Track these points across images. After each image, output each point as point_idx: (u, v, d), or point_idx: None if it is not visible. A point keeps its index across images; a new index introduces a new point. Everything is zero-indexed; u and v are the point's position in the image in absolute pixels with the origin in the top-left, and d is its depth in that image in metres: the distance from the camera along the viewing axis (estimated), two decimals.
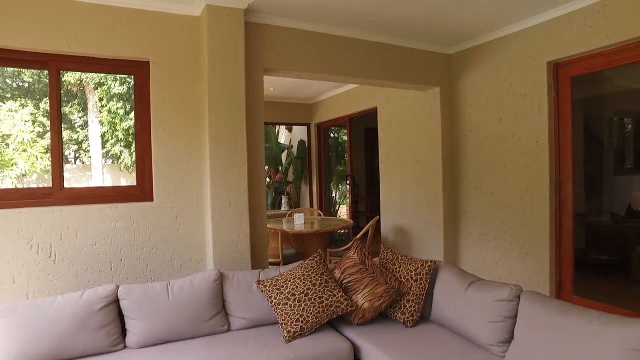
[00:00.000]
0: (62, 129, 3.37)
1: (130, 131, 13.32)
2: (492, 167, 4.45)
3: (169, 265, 3.42)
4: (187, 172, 3.50)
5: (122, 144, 14.10)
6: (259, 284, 3.02)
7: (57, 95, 3.23)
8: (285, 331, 2.76)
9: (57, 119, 3.22)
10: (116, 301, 2.73)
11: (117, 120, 13.58)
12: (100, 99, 13.81)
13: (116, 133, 13.83)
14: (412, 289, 2.99)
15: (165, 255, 3.42)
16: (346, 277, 3.09)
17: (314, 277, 2.97)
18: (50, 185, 3.20)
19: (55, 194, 3.18)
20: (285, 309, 2.82)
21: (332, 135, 8.77)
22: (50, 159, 3.20)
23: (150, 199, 3.41)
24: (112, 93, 13.46)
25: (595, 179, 5.24)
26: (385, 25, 4.04)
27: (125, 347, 2.69)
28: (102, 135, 14.32)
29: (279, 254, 4.75)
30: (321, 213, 7.27)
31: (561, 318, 2.14)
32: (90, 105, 13.91)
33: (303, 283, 2.92)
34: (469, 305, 2.68)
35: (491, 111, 4.45)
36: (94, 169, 13.18)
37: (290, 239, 5.19)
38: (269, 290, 2.94)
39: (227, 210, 3.37)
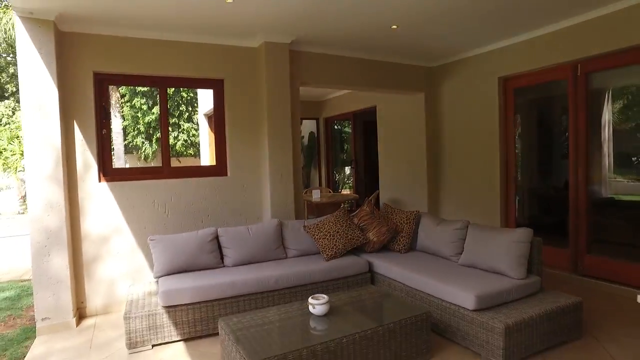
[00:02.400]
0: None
1: (152, 125, 14.78)
2: (462, 152, 6.10)
3: (238, 218, 5.01)
4: (250, 156, 5.08)
5: (143, 136, 15.56)
6: (305, 227, 4.64)
7: (164, 104, 4.79)
8: (325, 255, 4.39)
9: (165, 120, 4.79)
10: (217, 237, 4.33)
11: (139, 115, 15.03)
12: (123, 96, 15.24)
13: (138, 126, 15.27)
14: (404, 229, 4.64)
15: (235, 211, 5.01)
16: (362, 222, 4.73)
17: (341, 222, 4.61)
18: (161, 165, 4.78)
19: (165, 171, 4.76)
20: (324, 242, 4.45)
21: (336, 127, 10.36)
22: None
23: (226, 174, 5.01)
24: (137, 90, 14.90)
25: (545, 161, 6.67)
26: (383, 48, 5.61)
27: (224, 265, 4.29)
28: (124, 129, 15.77)
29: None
30: (331, 191, 8.91)
31: (485, 233, 3.82)
32: (112, 101, 15.28)
33: (335, 225, 4.56)
34: (438, 235, 4.34)
35: (461, 111, 6.09)
36: (117, 158, 14.64)
37: (313, 207, 6.83)
38: (312, 231, 4.57)
39: (279, 182, 4.98)
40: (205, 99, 8.38)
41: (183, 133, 14.99)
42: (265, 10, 4.09)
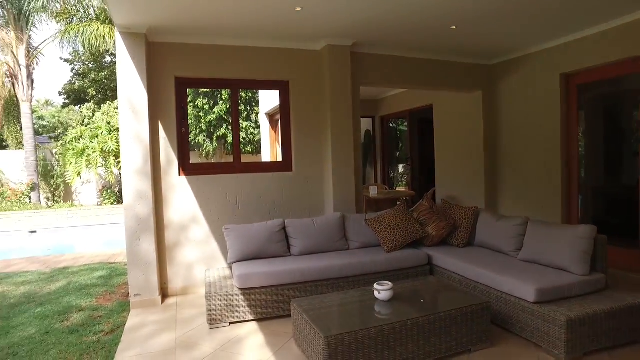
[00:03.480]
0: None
1: (213, 123, 15.65)
2: (521, 149, 6.06)
3: (302, 210, 5.33)
4: (314, 153, 5.39)
5: (205, 134, 16.49)
6: (366, 221, 4.88)
7: (236, 105, 5.21)
8: (385, 247, 4.61)
9: (236, 120, 5.21)
10: (284, 228, 4.67)
11: (202, 114, 15.93)
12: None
13: (200, 125, 16.19)
14: (462, 225, 4.75)
15: (300, 204, 5.34)
16: (421, 216, 4.89)
17: (402, 215, 4.80)
18: (232, 161, 5.21)
19: (237, 166, 5.18)
20: (385, 235, 4.66)
21: (391, 125, 10.48)
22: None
23: (291, 170, 5.35)
24: (199, 91, 15.79)
25: (614, 159, 6.28)
26: (441, 47, 5.70)
27: (290, 254, 4.62)
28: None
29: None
30: (387, 187, 9.09)
31: (547, 230, 3.86)
32: None
33: (395, 219, 4.75)
34: (497, 230, 4.42)
35: (520, 108, 6.04)
36: None
37: (371, 203, 7.05)
38: (373, 224, 4.80)
39: (341, 178, 5.25)
40: (267, 99, 8.83)
41: (242, 131, 15.69)
42: (330, 16, 4.36)
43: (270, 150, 8.67)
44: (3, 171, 15.72)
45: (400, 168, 10.67)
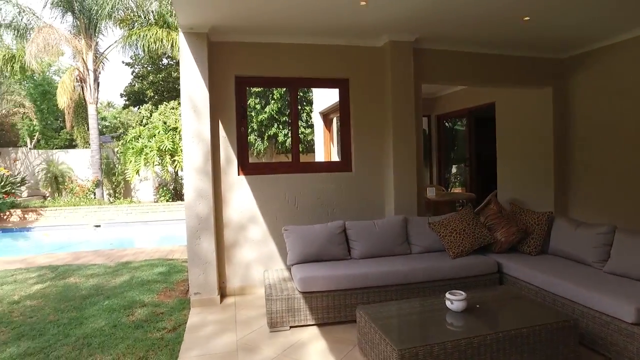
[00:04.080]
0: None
1: (264, 123, 15.86)
2: (600, 150, 5.54)
3: (361, 212, 5.16)
4: (374, 152, 5.21)
5: (256, 133, 16.74)
6: (430, 224, 4.64)
7: (295, 105, 5.13)
8: (450, 252, 4.35)
9: (295, 119, 5.13)
10: (344, 230, 4.53)
11: (253, 114, 16.18)
12: None
13: (251, 124, 16.45)
14: (535, 231, 4.40)
15: (359, 205, 5.17)
16: (488, 221, 4.59)
17: (468, 220, 4.52)
18: (291, 160, 5.14)
19: (295, 166, 5.10)
20: (450, 239, 4.41)
21: (447, 125, 10.07)
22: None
23: (350, 170, 5.20)
24: (251, 90, 16.01)
25: None
26: (509, 41, 5.33)
27: (351, 257, 4.47)
28: None
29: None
30: (444, 189, 8.73)
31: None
32: None
33: (461, 223, 4.48)
34: (577, 239, 4.04)
35: (599, 104, 5.54)
36: None
37: (429, 205, 6.76)
38: (438, 228, 4.55)
39: (403, 179, 5.03)
40: (321, 98, 8.75)
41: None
42: (393, 10, 4.16)
43: (324, 149, 8.59)
44: (72, 168, 16.75)
45: (453, 169, 10.23)
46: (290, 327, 3.80)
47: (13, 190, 14.64)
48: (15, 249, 10.74)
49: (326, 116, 8.74)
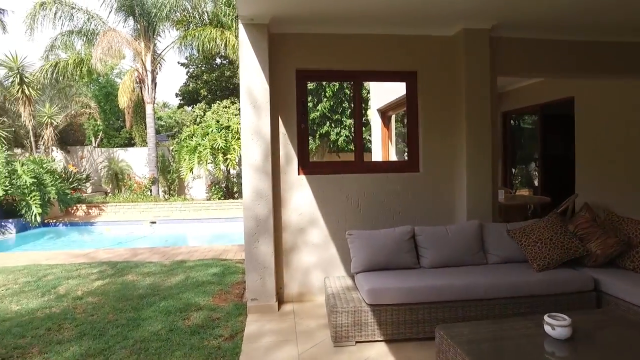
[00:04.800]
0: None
1: (316, 121, 15.65)
2: None
3: (429, 216, 4.73)
4: (444, 152, 4.76)
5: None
6: (509, 231, 4.14)
7: (359, 99, 4.79)
8: (534, 264, 3.84)
9: (359, 116, 4.79)
10: (413, 236, 4.14)
11: None
12: None
13: None
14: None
15: (427, 209, 4.75)
16: (579, 230, 4.02)
17: (554, 228, 3.98)
18: (354, 160, 4.80)
19: (359, 165, 4.76)
20: (534, 250, 3.89)
21: (513, 122, 9.34)
22: None
23: (417, 170, 4.79)
24: None
25: None
26: (608, 24, 4.67)
27: (420, 266, 4.07)
28: None
29: None
30: (511, 191, 8.06)
31: None
32: None
33: (547, 232, 3.95)
34: None
35: None
36: None
37: (500, 209, 6.19)
38: (519, 236, 4.05)
39: (476, 180, 4.56)
40: (379, 94, 8.36)
41: (345, 129, 15.46)
42: None
43: (381, 148, 8.20)
44: (131, 166, 17.41)
45: (517, 170, 9.47)
46: (356, 342, 3.47)
47: (79, 186, 15.40)
48: (81, 243, 11.20)
49: (384, 113, 8.33)
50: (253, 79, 4.21)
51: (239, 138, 14.70)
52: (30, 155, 14.66)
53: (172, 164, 16.78)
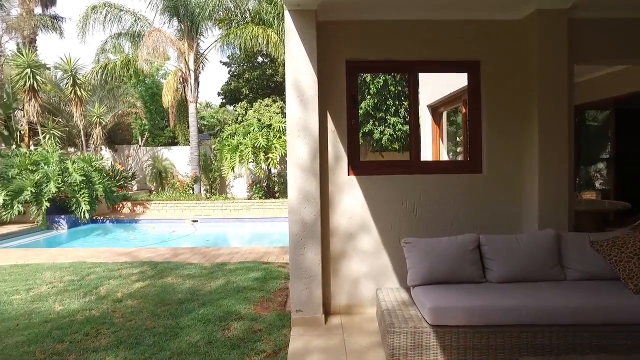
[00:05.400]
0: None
1: (359, 119, 15.22)
2: None
3: (493, 222, 4.21)
4: (511, 150, 4.22)
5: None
6: (593, 243, 3.56)
7: (414, 92, 4.33)
8: (630, 284, 3.24)
9: (414, 111, 4.33)
10: (478, 246, 3.65)
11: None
12: None
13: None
14: None
15: (491, 214, 4.22)
16: None
17: None
18: (409, 159, 4.34)
19: (415, 166, 4.30)
20: (629, 266, 3.30)
21: (577, 118, 8.49)
22: None
23: (480, 171, 4.27)
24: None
25: None
26: None
27: (486, 280, 3.57)
28: None
29: None
30: (578, 194, 7.30)
31: None
32: None
33: None
34: None
35: None
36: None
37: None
38: (607, 250, 3.46)
39: (550, 183, 3.99)
40: (429, 89, 7.81)
41: (389, 127, 14.92)
42: None
43: (431, 147, 7.66)
44: (174, 164, 17.65)
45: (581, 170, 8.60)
46: None
47: (125, 184, 15.74)
48: (125, 240, 11.34)
49: (435, 110, 7.77)
50: (300, 70, 3.86)
51: (280, 137, 14.52)
52: (81, 153, 15.13)
53: (214, 162, 16.86)
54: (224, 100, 22.01)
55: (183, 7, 15.06)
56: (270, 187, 15.64)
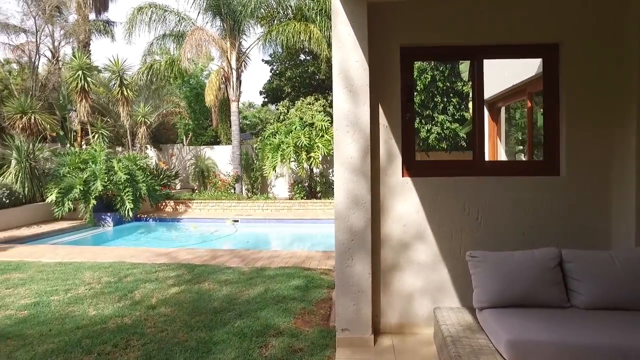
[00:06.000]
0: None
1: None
2: None
3: (574, 234, 3.56)
4: (597, 149, 3.56)
5: None
6: None
7: (479, 81, 3.76)
8: None
9: (479, 103, 3.76)
10: (560, 263, 3.04)
11: None
12: None
13: None
14: None
15: (568, 224, 3.58)
16: None
17: None
18: (472, 158, 3.77)
19: (479, 166, 3.74)
20: None
21: None
22: None
23: (557, 173, 3.64)
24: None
25: None
26: None
27: (571, 305, 2.97)
28: None
29: None
30: None
31: None
32: None
33: None
34: None
35: None
36: None
37: None
38: None
39: None
40: (486, 83, 7.10)
41: (436, 126, 14.17)
42: None
43: (488, 146, 6.97)
44: (216, 163, 17.71)
45: None
46: None
47: (169, 183, 15.92)
48: (167, 239, 11.35)
49: (492, 105, 7.07)
50: (349, 56, 3.40)
51: (322, 135, 14.13)
52: (127, 152, 15.43)
53: (255, 162, 16.74)
54: (265, 100, 21.92)
55: (225, 6, 14.99)
56: (312, 187, 15.30)
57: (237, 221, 12.50)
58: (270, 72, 20.76)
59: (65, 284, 5.44)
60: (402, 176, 3.66)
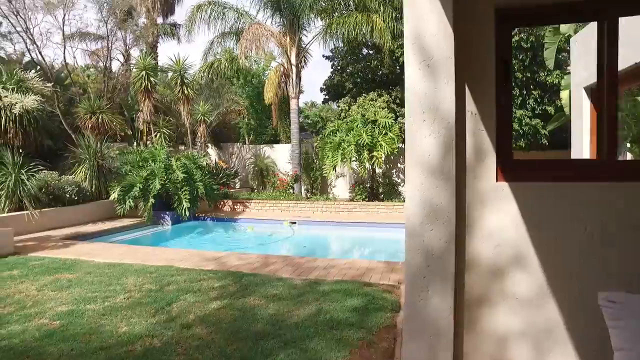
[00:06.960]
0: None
1: None
2: None
3: None
4: None
5: None
6: None
7: (613, 48, 2.72)
8: None
9: (612, 79, 2.72)
10: None
11: None
12: None
13: None
14: None
15: None
16: None
17: None
18: (596, 157, 2.75)
19: (605, 168, 2.70)
20: None
21: None
22: None
23: None
24: None
25: None
26: None
27: None
28: None
29: None
30: None
31: None
32: None
33: None
34: None
35: None
36: None
37: None
38: None
39: None
40: (581, 66, 5.88)
41: (514, 122, 12.70)
42: None
43: (589, 142, 5.72)
44: (276, 163, 17.36)
45: None
46: None
47: (228, 182, 15.79)
48: (223, 240, 11.06)
49: (594, 92, 5.81)
50: (425, 19, 2.54)
51: (386, 133, 13.20)
52: (187, 151, 15.50)
53: (315, 161, 16.14)
54: (326, 96, 21.31)
55: (284, 0, 14.52)
56: (374, 188, 14.40)
57: (295, 223, 11.94)
58: (332, 67, 20.11)
59: (106, 290, 5.09)
60: (497, 180, 2.73)
